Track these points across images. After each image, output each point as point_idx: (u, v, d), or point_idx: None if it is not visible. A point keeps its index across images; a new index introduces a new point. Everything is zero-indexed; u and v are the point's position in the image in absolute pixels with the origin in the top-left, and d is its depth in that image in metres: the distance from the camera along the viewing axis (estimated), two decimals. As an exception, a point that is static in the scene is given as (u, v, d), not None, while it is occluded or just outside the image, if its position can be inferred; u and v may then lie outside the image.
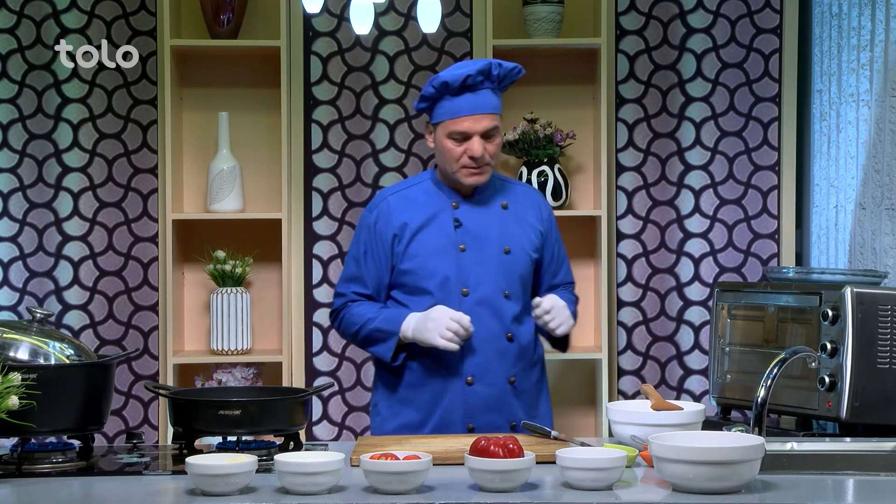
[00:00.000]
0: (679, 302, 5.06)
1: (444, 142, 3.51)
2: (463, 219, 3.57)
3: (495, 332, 3.54)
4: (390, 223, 3.57)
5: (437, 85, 3.48)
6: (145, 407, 5.01)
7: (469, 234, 3.56)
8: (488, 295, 3.53)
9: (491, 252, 3.56)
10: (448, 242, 3.55)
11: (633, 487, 2.75)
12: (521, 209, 3.65)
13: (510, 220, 3.61)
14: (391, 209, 3.59)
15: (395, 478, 2.64)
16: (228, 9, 4.86)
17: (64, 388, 2.97)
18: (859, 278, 3.93)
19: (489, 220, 3.59)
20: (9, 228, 4.96)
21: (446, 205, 3.59)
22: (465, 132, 3.48)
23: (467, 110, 3.48)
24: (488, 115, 3.49)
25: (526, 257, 3.60)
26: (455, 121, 3.48)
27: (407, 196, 3.61)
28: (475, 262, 3.54)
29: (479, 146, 3.48)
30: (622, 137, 5.05)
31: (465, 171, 3.52)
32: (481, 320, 3.51)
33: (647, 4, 5.03)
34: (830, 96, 4.70)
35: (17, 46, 4.94)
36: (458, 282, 3.53)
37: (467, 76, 3.46)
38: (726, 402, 4.11)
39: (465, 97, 3.48)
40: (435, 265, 3.53)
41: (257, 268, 5.01)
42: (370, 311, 3.55)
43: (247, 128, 5.03)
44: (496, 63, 3.51)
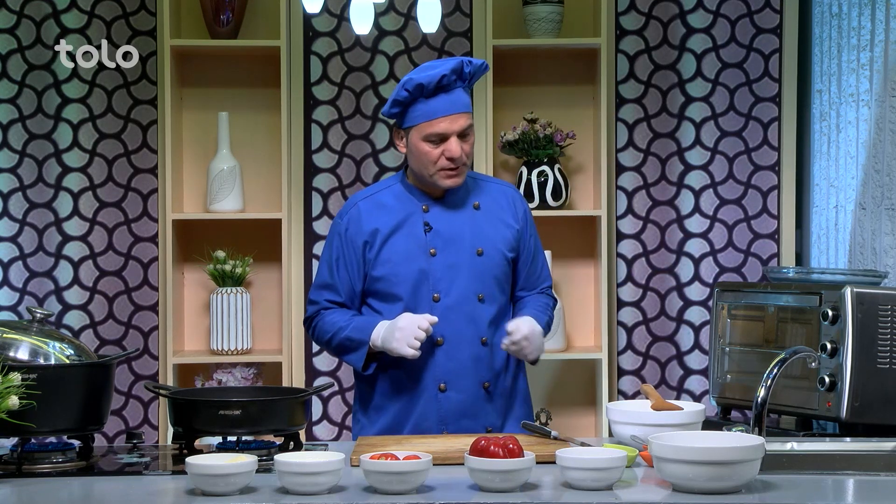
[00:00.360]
0: (679, 302, 5.06)
1: (420, 145, 3.41)
2: (433, 222, 3.49)
3: (469, 337, 3.46)
4: (361, 229, 3.49)
5: (411, 88, 3.38)
6: (145, 407, 5.01)
7: (440, 238, 3.47)
8: (461, 299, 3.45)
9: (463, 255, 3.47)
10: (418, 247, 3.46)
11: (633, 487, 2.75)
12: (496, 208, 3.56)
13: (483, 220, 3.52)
14: (361, 215, 3.50)
15: (395, 478, 2.64)
16: (228, 9, 4.86)
17: (64, 388, 2.97)
18: (859, 278, 3.93)
19: (461, 222, 3.50)
20: (9, 228, 4.96)
21: (416, 208, 3.50)
22: (442, 133, 3.39)
23: (443, 111, 3.39)
24: (464, 115, 3.41)
25: (500, 258, 3.51)
26: (431, 123, 3.39)
27: (377, 201, 3.52)
28: (446, 266, 3.45)
29: (457, 146, 3.40)
30: (622, 137, 5.05)
31: (442, 174, 3.43)
32: (454, 325, 3.44)
33: (647, 4, 5.03)
34: (830, 96, 4.70)
35: (17, 46, 4.94)
36: (429, 287, 3.44)
37: (442, 76, 3.37)
38: (726, 402, 4.11)
39: (440, 98, 3.39)
40: (405, 271, 3.45)
41: (257, 268, 5.01)
42: (342, 320, 3.48)
43: (247, 128, 5.03)
44: (466, 61, 3.42)
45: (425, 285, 3.45)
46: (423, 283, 3.45)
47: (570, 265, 5.07)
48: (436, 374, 3.45)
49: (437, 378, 3.45)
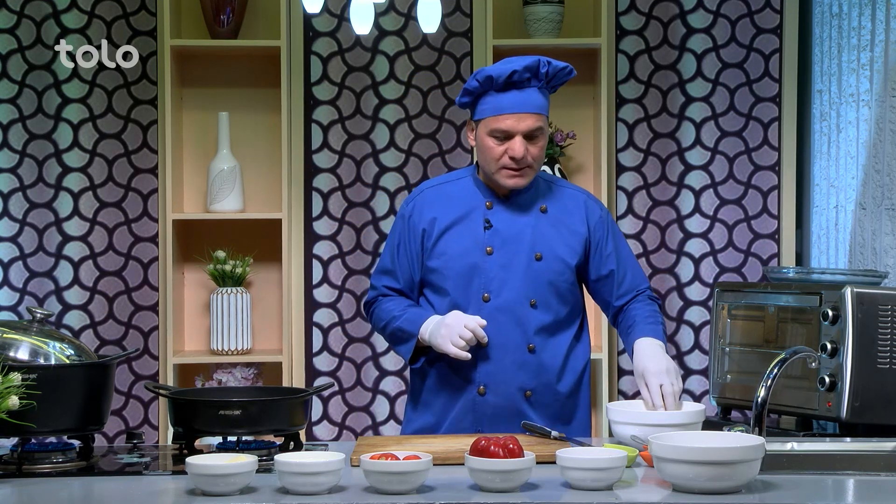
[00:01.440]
0: (679, 302, 5.06)
1: (485, 140, 3.36)
2: (494, 220, 3.42)
3: (515, 342, 3.39)
4: (423, 217, 3.44)
5: (481, 79, 3.33)
6: (145, 407, 5.01)
7: (498, 237, 3.40)
8: (511, 302, 3.38)
9: (520, 257, 3.39)
10: (475, 244, 3.40)
11: (633, 487, 2.75)
12: (564, 213, 3.46)
13: (548, 225, 3.43)
14: (425, 203, 3.46)
15: (395, 478, 2.64)
16: (228, 9, 4.86)
17: (64, 388, 2.97)
18: (859, 278, 3.93)
19: (523, 224, 3.42)
20: (9, 228, 4.96)
21: (481, 204, 3.44)
22: (507, 131, 3.33)
23: (510, 108, 3.32)
24: (532, 115, 3.33)
25: (561, 265, 3.41)
26: (497, 118, 3.33)
27: (444, 191, 3.48)
28: (500, 267, 3.39)
29: (521, 147, 3.31)
30: (622, 137, 5.05)
31: (504, 173, 3.36)
32: (500, 328, 3.37)
33: (647, 4, 5.03)
34: (830, 96, 4.70)
35: (17, 46, 4.94)
36: (480, 286, 3.39)
37: (513, 72, 3.31)
38: (726, 402, 4.11)
39: (510, 94, 3.33)
40: (458, 266, 3.40)
41: (257, 268, 5.01)
42: (396, 309, 3.44)
43: (247, 128, 5.03)
44: (545, 61, 3.35)
45: (477, 283, 3.40)
46: (474, 280, 3.40)
47: (570, 265, 5.07)
48: (476, 375, 3.40)
49: (477, 380, 3.40)
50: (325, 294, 5.01)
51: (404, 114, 5.02)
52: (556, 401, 3.44)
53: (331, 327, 5.00)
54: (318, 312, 5.02)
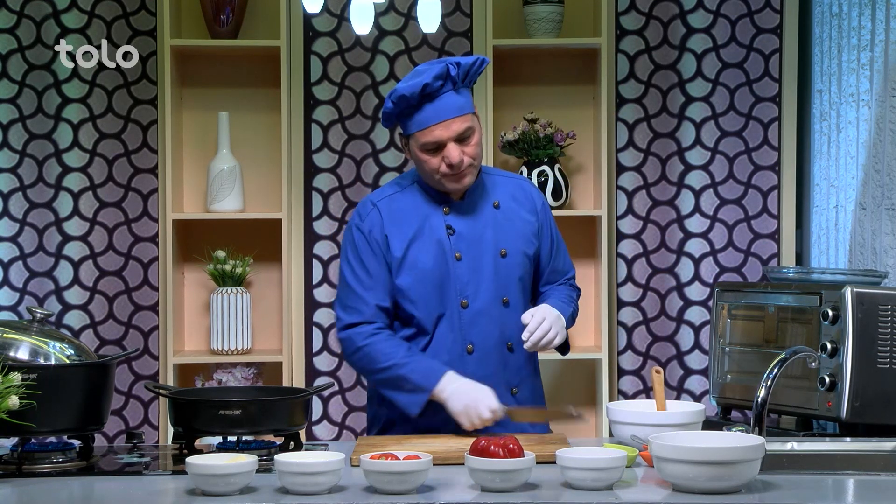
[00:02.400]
0: (679, 302, 5.06)
1: (420, 154, 3.30)
2: (455, 224, 3.38)
3: (496, 343, 3.38)
4: (383, 232, 3.36)
5: (395, 99, 3.27)
6: (145, 407, 5.01)
7: (463, 241, 3.37)
8: (487, 304, 3.36)
9: (486, 258, 3.37)
10: (443, 252, 3.35)
11: (633, 487, 2.75)
12: (515, 204, 3.45)
13: (503, 219, 3.42)
14: (382, 217, 3.37)
15: (395, 478, 2.64)
16: (228, 8, 4.86)
17: (64, 388, 2.97)
18: (859, 278, 3.93)
19: (482, 224, 3.39)
20: (9, 228, 4.96)
21: (437, 210, 3.38)
22: (437, 141, 3.26)
23: (434, 119, 3.26)
24: (457, 119, 3.27)
25: (523, 258, 3.42)
26: (424, 132, 3.27)
27: (396, 203, 3.40)
28: (472, 271, 3.36)
29: (456, 152, 3.27)
30: (622, 137, 5.05)
31: (447, 179, 3.31)
32: (483, 332, 3.36)
33: (647, 4, 5.03)
34: (830, 96, 4.70)
35: (17, 46, 4.94)
36: (456, 293, 3.35)
37: (424, 85, 3.24)
38: (726, 402, 4.11)
39: (428, 107, 3.26)
40: (432, 277, 3.34)
41: (257, 268, 5.01)
42: (398, 354, 3.30)
43: (247, 128, 5.03)
44: (453, 63, 3.28)
45: (452, 291, 3.36)
46: (449, 288, 3.36)
47: (570, 265, 5.07)
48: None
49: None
50: (325, 294, 5.01)
51: (404, 114, 5.01)
52: (533, 391, 3.49)
53: (331, 327, 5.00)
54: (318, 312, 5.02)
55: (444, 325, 3.37)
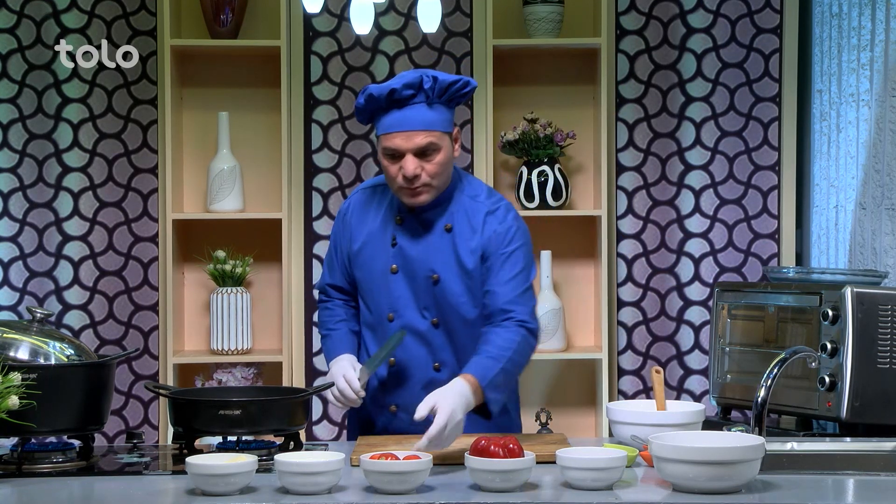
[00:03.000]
0: (679, 302, 5.06)
1: (381, 158, 3.27)
2: (400, 238, 3.34)
3: (420, 362, 3.34)
4: (352, 221, 3.42)
5: (365, 96, 3.23)
6: (145, 407, 5.01)
7: (401, 256, 3.33)
8: (414, 322, 3.32)
9: (420, 278, 3.31)
10: (383, 261, 3.35)
11: (633, 487, 2.75)
12: (467, 230, 3.31)
13: (450, 245, 3.31)
14: (358, 206, 3.43)
15: (396, 478, 2.64)
16: (228, 8, 4.86)
17: (64, 388, 2.97)
18: (859, 278, 3.93)
19: (426, 244, 3.32)
20: (9, 228, 4.96)
21: (392, 218, 3.37)
22: (396, 149, 3.21)
23: (397, 126, 3.21)
24: (421, 133, 3.20)
25: (460, 287, 3.29)
26: (387, 136, 3.23)
27: (373, 196, 3.42)
28: (403, 287, 3.33)
29: (412, 165, 3.20)
30: (622, 137, 5.05)
31: (403, 191, 3.26)
32: (406, 349, 3.33)
33: (647, 4, 5.03)
34: (830, 96, 4.70)
35: (17, 46, 4.94)
36: (387, 305, 3.35)
37: (392, 90, 3.19)
38: (726, 402, 4.11)
39: (395, 113, 3.21)
40: (371, 281, 3.37)
41: (257, 268, 5.01)
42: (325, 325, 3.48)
43: (247, 128, 5.03)
44: (429, 76, 3.21)
45: (384, 302, 3.36)
46: (382, 299, 3.36)
47: (570, 265, 5.08)
48: (388, 396, 3.40)
49: (388, 400, 3.40)
50: (325, 294, 5.01)
51: (404, 114, 5.01)
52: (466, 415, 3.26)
53: (331, 327, 5.00)
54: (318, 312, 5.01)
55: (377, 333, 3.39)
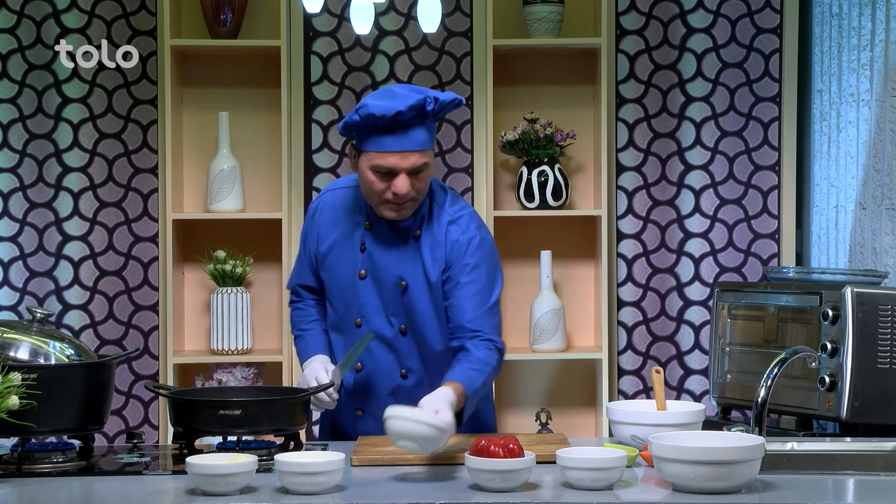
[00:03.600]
0: (679, 302, 5.06)
1: (367, 173, 3.21)
2: (369, 244, 3.33)
3: (387, 368, 3.35)
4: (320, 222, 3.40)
5: (363, 115, 3.15)
6: (145, 407, 5.01)
7: (370, 262, 3.32)
8: (381, 329, 3.33)
9: (388, 285, 3.31)
10: (352, 266, 3.34)
11: (633, 487, 2.75)
12: (433, 240, 3.31)
13: (416, 253, 3.31)
14: (326, 207, 3.40)
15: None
16: (228, 8, 4.86)
17: (64, 388, 2.97)
18: (859, 278, 3.93)
19: (394, 251, 3.31)
20: (9, 228, 4.96)
21: (361, 223, 3.35)
22: (391, 168, 3.18)
23: (395, 146, 3.16)
24: (417, 153, 3.18)
25: (426, 294, 3.29)
26: (381, 154, 3.17)
27: (342, 198, 3.39)
28: (371, 293, 3.33)
29: (405, 184, 3.18)
30: (622, 137, 5.05)
31: (386, 206, 3.23)
32: (372, 354, 3.35)
33: (648, 4, 5.03)
34: (831, 96, 4.70)
35: (17, 46, 4.94)
36: (354, 310, 3.35)
37: (398, 112, 3.13)
38: (726, 402, 4.11)
39: (393, 133, 3.16)
40: (338, 286, 3.36)
41: (257, 268, 5.01)
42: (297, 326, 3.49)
43: (247, 128, 5.03)
44: (431, 98, 3.17)
45: (352, 307, 3.36)
46: (351, 303, 3.36)
47: (570, 265, 5.08)
48: (353, 399, 3.41)
49: (354, 403, 3.41)
50: (325, 294, 5.01)
51: (404, 114, 5.01)
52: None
53: (331, 327, 5.00)
54: (318, 312, 5.02)
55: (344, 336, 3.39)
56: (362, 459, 3.00)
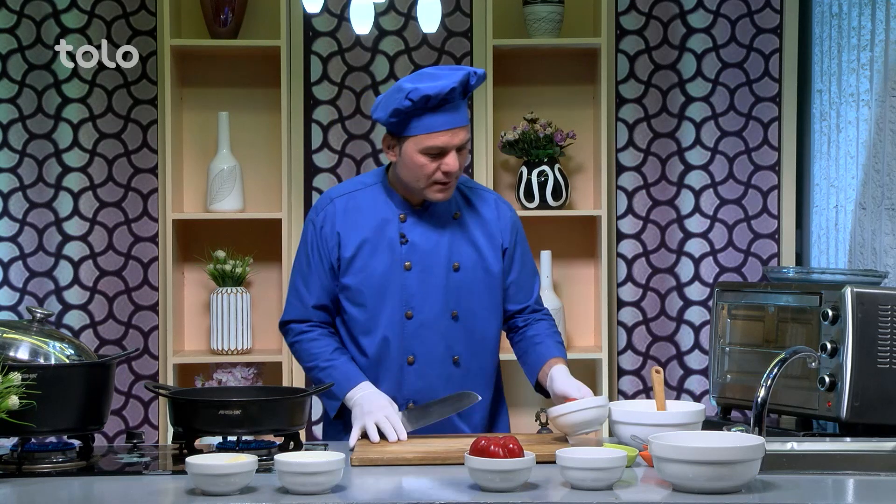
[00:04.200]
0: (679, 302, 5.06)
1: (416, 157, 3.23)
2: (409, 233, 3.33)
3: (440, 356, 3.34)
4: (335, 229, 3.34)
5: (416, 98, 3.17)
6: (145, 407, 5.01)
7: (415, 251, 3.32)
8: (433, 317, 3.33)
9: (438, 270, 3.32)
10: (392, 260, 3.31)
11: (633, 487, 2.75)
12: (478, 218, 3.39)
13: (462, 232, 3.36)
14: (337, 213, 3.35)
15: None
16: (228, 8, 4.86)
17: (64, 388, 2.97)
18: (859, 278, 3.93)
19: (438, 235, 3.34)
20: (9, 228, 4.96)
21: (394, 216, 3.34)
22: (442, 147, 3.21)
23: (446, 125, 3.21)
24: (464, 128, 3.24)
25: (481, 272, 3.35)
26: (432, 136, 3.21)
27: (355, 200, 3.36)
28: (420, 282, 3.31)
29: (455, 161, 3.22)
30: (622, 137, 5.05)
31: (435, 188, 3.26)
32: (425, 344, 3.32)
33: (647, 4, 5.03)
34: (830, 96, 4.70)
35: (17, 46, 4.94)
36: (402, 303, 3.32)
37: (451, 90, 3.18)
38: (726, 402, 4.11)
39: (442, 111, 3.20)
40: (377, 283, 3.31)
41: (257, 268, 5.01)
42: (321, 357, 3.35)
43: (247, 128, 5.03)
44: (472, 72, 3.23)
45: (398, 300, 3.33)
46: (395, 297, 3.33)
47: (570, 265, 5.08)
48: (405, 392, 3.36)
49: (406, 397, 3.36)
50: (325, 294, 5.01)
51: (404, 114, 5.01)
52: (482, 409, 3.41)
53: (331, 327, 5.00)
54: (318, 312, 5.02)
55: (387, 332, 3.35)
56: (362, 459, 3.00)
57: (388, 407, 3.24)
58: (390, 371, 3.35)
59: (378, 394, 3.28)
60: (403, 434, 3.18)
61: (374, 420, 3.20)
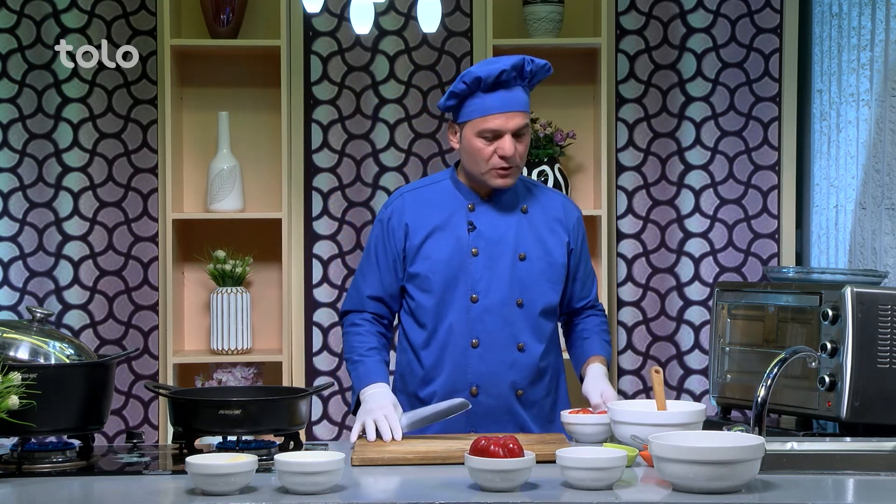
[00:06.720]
0: (679, 302, 5.06)
1: (474, 141, 3.37)
2: (477, 222, 3.44)
3: (504, 342, 3.42)
4: (403, 221, 3.46)
5: (469, 81, 3.33)
6: (145, 407, 5.01)
7: (482, 239, 3.43)
8: (498, 303, 3.42)
9: (504, 258, 3.43)
10: (460, 246, 3.42)
11: (633, 487, 2.75)
12: (545, 215, 3.50)
13: (529, 225, 3.47)
14: (405, 207, 3.47)
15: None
16: (228, 8, 4.86)
17: (64, 388, 2.97)
18: (859, 278, 3.93)
19: (506, 225, 3.45)
20: (9, 228, 4.96)
21: (462, 206, 3.46)
22: (496, 130, 3.34)
23: (499, 108, 3.35)
24: (520, 113, 3.37)
25: (545, 265, 3.46)
26: (486, 119, 3.35)
27: (423, 195, 3.49)
28: (486, 268, 3.41)
29: (511, 145, 3.33)
30: (622, 137, 5.05)
31: (494, 173, 3.37)
32: (489, 329, 3.41)
33: (647, 4, 5.03)
34: (830, 96, 4.70)
35: (17, 46, 4.94)
36: (468, 288, 3.41)
37: (502, 71, 3.32)
38: (726, 402, 4.11)
39: (498, 94, 3.35)
40: (444, 269, 3.42)
41: (257, 268, 5.01)
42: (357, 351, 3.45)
43: (247, 128, 5.03)
44: (529, 59, 3.37)
45: (463, 285, 3.42)
46: (461, 282, 3.42)
47: (570, 265, 5.07)
48: (469, 377, 3.42)
49: (469, 381, 3.42)
50: (325, 294, 5.01)
51: (404, 113, 5.02)
52: (544, 398, 3.52)
53: (331, 327, 5.00)
54: (317, 312, 5.02)
55: (453, 317, 3.43)
56: (362, 459, 3.00)
57: (390, 407, 3.29)
58: (455, 355, 3.42)
59: (384, 394, 3.33)
60: (398, 434, 3.22)
61: (373, 418, 3.25)
